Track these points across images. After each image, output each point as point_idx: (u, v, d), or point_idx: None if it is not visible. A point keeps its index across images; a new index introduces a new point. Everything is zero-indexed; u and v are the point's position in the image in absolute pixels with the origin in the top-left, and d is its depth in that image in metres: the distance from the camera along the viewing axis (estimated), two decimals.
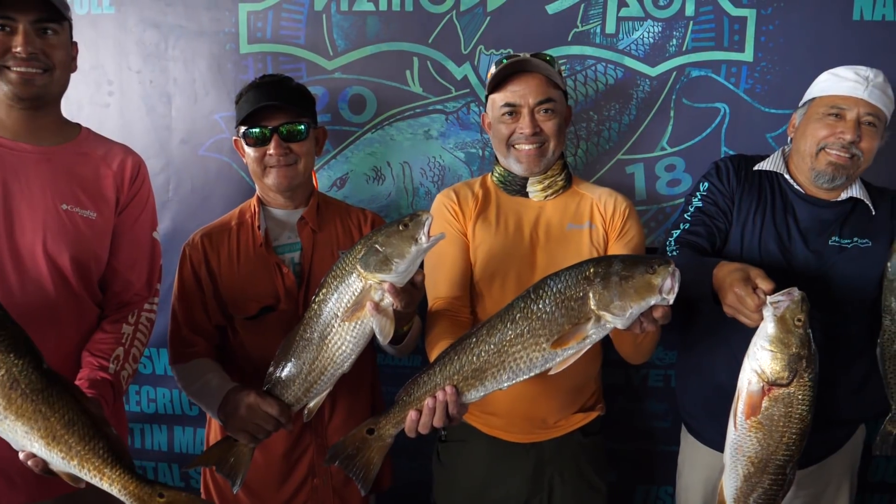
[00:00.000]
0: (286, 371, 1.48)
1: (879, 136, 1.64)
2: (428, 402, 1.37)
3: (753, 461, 1.35)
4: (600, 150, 2.04)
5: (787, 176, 1.72)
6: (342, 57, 2.01)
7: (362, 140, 2.06)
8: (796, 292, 1.29)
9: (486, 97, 1.72)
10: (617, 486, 2.23)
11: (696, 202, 1.76)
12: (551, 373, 1.34)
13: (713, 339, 1.72)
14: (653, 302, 1.27)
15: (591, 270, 1.30)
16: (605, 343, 1.72)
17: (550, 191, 1.70)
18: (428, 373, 1.40)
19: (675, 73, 1.98)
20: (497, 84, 1.65)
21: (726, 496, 1.43)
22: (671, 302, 1.27)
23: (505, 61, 1.64)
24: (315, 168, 2.07)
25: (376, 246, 1.33)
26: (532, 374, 1.35)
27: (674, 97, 1.99)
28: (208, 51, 2.04)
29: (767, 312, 1.30)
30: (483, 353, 1.35)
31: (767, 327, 1.30)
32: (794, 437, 1.32)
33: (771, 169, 1.74)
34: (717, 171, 1.78)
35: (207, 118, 2.08)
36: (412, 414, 1.39)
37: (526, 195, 1.70)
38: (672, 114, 2.00)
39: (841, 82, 1.63)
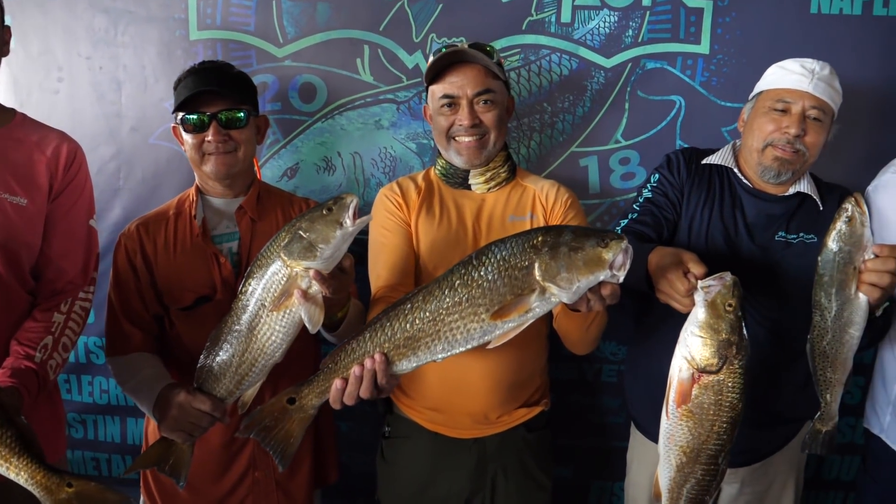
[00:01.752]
0: (216, 364, 1.44)
1: (826, 130, 1.62)
2: (355, 370, 1.30)
3: (685, 450, 1.33)
4: (553, 142, 2.01)
5: (735, 170, 1.70)
6: (292, 44, 1.98)
7: (312, 129, 2.02)
8: (728, 276, 1.26)
9: (426, 88, 1.69)
10: (572, 482, 2.22)
11: (646, 193, 1.75)
12: (490, 346, 1.28)
13: (658, 334, 1.69)
14: (602, 277, 1.20)
15: (539, 239, 1.22)
16: (554, 339, 1.70)
17: (493, 182, 1.67)
18: (357, 339, 1.32)
19: (630, 64, 1.96)
20: (435, 75, 1.62)
21: (661, 487, 1.41)
22: (621, 280, 1.21)
23: (444, 50, 1.61)
24: (264, 157, 2.04)
25: (300, 232, 1.30)
26: (469, 346, 1.28)
27: (629, 89, 1.97)
28: (158, 37, 2.01)
29: (698, 297, 1.27)
30: (417, 321, 1.27)
31: (698, 312, 1.27)
32: (724, 425, 1.29)
33: (720, 163, 1.72)
34: (669, 162, 1.76)
35: (157, 106, 2.05)
36: (338, 382, 1.31)
37: (468, 187, 1.68)
38: (627, 106, 1.98)
39: (787, 75, 1.61)
